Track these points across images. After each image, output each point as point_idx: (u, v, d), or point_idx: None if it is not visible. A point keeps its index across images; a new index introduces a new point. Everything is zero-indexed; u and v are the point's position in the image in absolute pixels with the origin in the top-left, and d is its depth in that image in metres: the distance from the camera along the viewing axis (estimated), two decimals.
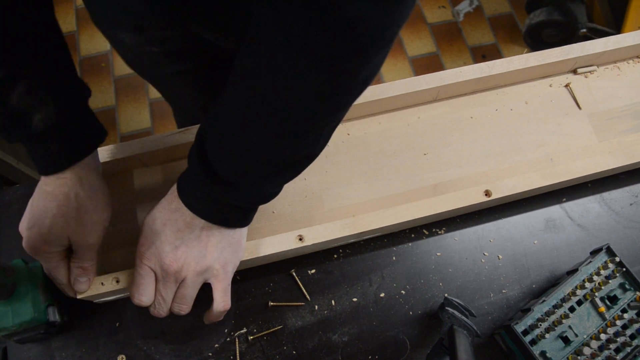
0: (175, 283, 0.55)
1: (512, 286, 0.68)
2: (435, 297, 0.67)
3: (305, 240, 0.62)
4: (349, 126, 0.75)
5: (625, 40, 0.76)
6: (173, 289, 0.56)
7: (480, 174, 0.72)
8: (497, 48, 2.01)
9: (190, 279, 0.55)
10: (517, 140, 0.74)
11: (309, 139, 0.47)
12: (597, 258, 0.63)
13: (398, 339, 0.65)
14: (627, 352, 0.59)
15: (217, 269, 0.56)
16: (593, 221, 0.72)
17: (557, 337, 0.60)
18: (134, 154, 0.67)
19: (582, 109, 0.77)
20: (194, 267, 0.55)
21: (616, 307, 0.61)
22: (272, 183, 0.54)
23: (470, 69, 0.73)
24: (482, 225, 0.71)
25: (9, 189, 0.71)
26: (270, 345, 0.64)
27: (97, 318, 0.65)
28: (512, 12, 2.08)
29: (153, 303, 0.56)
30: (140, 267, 0.55)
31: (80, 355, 0.63)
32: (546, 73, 0.78)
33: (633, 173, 0.75)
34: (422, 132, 0.75)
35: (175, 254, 0.54)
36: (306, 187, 0.71)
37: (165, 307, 0.56)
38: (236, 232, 0.56)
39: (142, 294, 0.55)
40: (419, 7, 2.07)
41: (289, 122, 0.45)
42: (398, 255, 0.69)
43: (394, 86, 0.71)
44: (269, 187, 0.54)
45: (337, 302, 0.67)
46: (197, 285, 0.57)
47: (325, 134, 0.49)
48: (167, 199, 0.55)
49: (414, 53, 1.98)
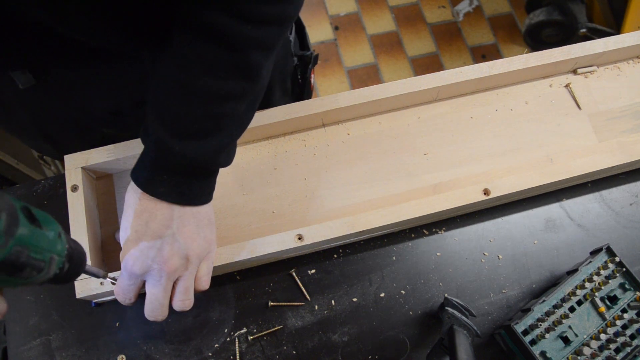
0: (172, 282, 0.55)
1: (512, 286, 0.68)
2: (435, 297, 0.67)
3: (304, 239, 0.62)
4: (348, 126, 0.75)
5: (625, 41, 0.76)
6: (169, 290, 0.55)
7: (481, 174, 0.72)
8: (497, 48, 2.01)
9: (189, 270, 0.55)
10: (517, 140, 0.74)
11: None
12: (597, 258, 0.63)
13: (398, 339, 0.65)
14: (627, 352, 0.59)
15: (204, 249, 0.56)
16: (593, 221, 0.72)
17: (557, 337, 0.60)
18: (133, 154, 0.67)
19: (582, 109, 0.77)
20: (187, 258, 0.54)
21: (616, 307, 0.61)
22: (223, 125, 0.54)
23: (470, 69, 0.73)
24: (482, 225, 0.71)
25: (9, 189, 0.71)
26: (270, 345, 0.64)
27: (97, 318, 0.65)
28: (512, 12, 2.09)
29: (151, 311, 0.55)
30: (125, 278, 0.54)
31: (80, 355, 0.63)
32: (546, 73, 0.78)
33: (633, 173, 0.75)
34: (422, 132, 0.75)
35: (163, 255, 0.53)
36: (306, 187, 0.71)
37: (166, 310, 0.56)
38: (204, 209, 0.57)
39: (126, 298, 0.55)
40: (419, 7, 2.07)
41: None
42: (398, 255, 0.69)
43: (394, 86, 0.71)
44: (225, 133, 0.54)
45: (337, 302, 0.67)
46: (194, 273, 0.56)
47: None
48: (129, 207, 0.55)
49: (413, 53, 1.99)
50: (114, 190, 0.70)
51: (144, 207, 0.53)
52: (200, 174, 0.54)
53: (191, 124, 0.51)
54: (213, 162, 0.54)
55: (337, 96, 0.71)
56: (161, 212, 0.53)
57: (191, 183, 0.54)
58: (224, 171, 0.70)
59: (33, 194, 0.71)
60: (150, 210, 0.53)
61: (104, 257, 0.67)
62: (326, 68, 1.95)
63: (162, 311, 0.55)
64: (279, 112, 0.70)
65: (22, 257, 0.37)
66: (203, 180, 0.55)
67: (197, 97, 0.50)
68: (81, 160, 0.66)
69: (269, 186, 0.71)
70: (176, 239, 0.54)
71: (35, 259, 0.39)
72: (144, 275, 0.54)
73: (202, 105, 0.51)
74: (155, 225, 0.53)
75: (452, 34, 2.03)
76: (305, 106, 0.71)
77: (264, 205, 0.70)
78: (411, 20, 2.05)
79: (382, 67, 1.95)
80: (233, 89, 0.51)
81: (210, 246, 0.58)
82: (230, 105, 0.52)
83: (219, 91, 0.50)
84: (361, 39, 2.01)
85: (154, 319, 0.55)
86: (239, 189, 0.71)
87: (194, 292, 0.57)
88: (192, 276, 0.56)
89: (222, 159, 0.55)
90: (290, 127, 0.73)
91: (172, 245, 0.53)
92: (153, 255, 0.53)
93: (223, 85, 0.50)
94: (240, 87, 0.51)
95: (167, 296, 0.55)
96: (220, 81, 0.50)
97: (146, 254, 0.53)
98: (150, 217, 0.53)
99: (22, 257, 0.37)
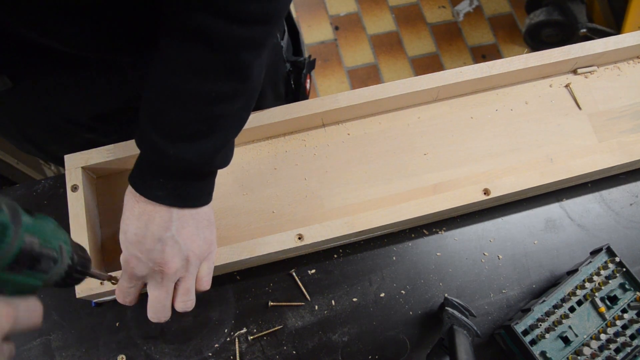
0: (173, 284, 0.55)
1: (512, 286, 0.68)
2: (435, 297, 0.67)
3: (304, 239, 0.62)
4: (348, 126, 0.75)
5: (625, 41, 0.76)
6: (171, 291, 0.56)
7: (481, 174, 0.72)
8: (497, 48, 2.01)
9: (189, 272, 0.55)
10: (517, 140, 0.74)
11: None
12: (597, 258, 0.63)
13: (398, 339, 0.65)
14: (627, 352, 0.59)
15: (204, 250, 0.56)
16: (593, 221, 0.72)
17: (557, 337, 0.60)
18: (133, 154, 0.67)
19: (582, 109, 0.77)
20: (188, 259, 0.55)
21: (616, 307, 0.61)
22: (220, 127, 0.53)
23: (470, 69, 0.73)
24: (482, 225, 0.71)
25: (9, 189, 0.71)
26: (270, 345, 0.64)
27: (97, 318, 0.65)
28: (512, 12, 2.09)
29: (154, 313, 0.56)
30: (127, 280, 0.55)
31: (80, 355, 0.63)
32: (546, 73, 0.78)
33: (633, 173, 0.75)
34: (422, 132, 0.75)
35: (164, 257, 0.53)
36: (306, 187, 0.71)
37: (169, 311, 0.56)
38: (203, 210, 0.57)
39: (127, 300, 0.56)
40: (419, 7, 2.07)
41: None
42: (398, 255, 0.69)
43: (394, 86, 0.72)
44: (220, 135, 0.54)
45: (337, 302, 0.67)
46: (195, 274, 0.57)
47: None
48: (128, 210, 0.55)
49: (413, 53, 1.99)
50: (114, 190, 0.70)
51: (143, 210, 0.53)
52: (198, 176, 0.54)
53: (184, 127, 0.51)
54: (209, 164, 0.54)
55: (337, 96, 0.71)
56: (160, 215, 0.53)
57: (189, 185, 0.54)
58: (223, 171, 0.71)
59: (33, 194, 0.71)
60: (149, 213, 0.53)
61: (103, 257, 0.67)
62: (326, 68, 1.95)
63: (165, 312, 0.56)
64: (279, 112, 0.70)
65: (35, 247, 0.37)
66: (201, 182, 0.55)
67: (188, 100, 0.50)
68: (81, 160, 0.66)
69: (268, 186, 0.71)
70: (176, 241, 0.54)
71: (47, 247, 0.38)
72: (145, 278, 0.54)
73: (194, 108, 0.50)
74: (154, 228, 0.53)
75: (452, 34, 2.03)
76: (305, 106, 0.71)
77: (264, 205, 0.70)
78: (411, 21, 2.05)
79: (382, 67, 1.95)
80: (224, 90, 0.51)
81: (210, 247, 0.58)
82: (222, 107, 0.52)
83: (209, 93, 0.50)
84: (361, 39, 2.01)
85: (157, 320, 0.56)
86: (239, 189, 0.71)
87: (195, 293, 0.57)
88: (193, 277, 0.56)
89: (218, 161, 0.55)
90: (290, 127, 0.73)
91: (172, 247, 0.53)
92: (154, 257, 0.53)
93: (213, 87, 0.50)
94: (231, 88, 0.51)
95: (170, 297, 0.55)
96: (210, 83, 0.50)
97: (147, 256, 0.53)
98: (150, 219, 0.53)
99: (35, 246, 0.37)
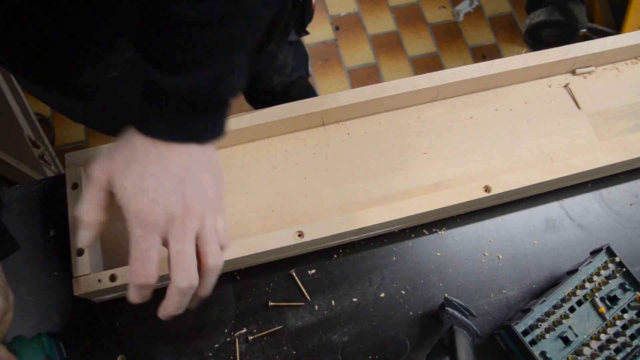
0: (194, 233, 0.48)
1: (512, 286, 0.68)
2: (435, 297, 0.67)
3: (304, 236, 0.62)
4: (349, 126, 0.75)
5: (623, 41, 0.76)
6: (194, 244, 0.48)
7: (480, 173, 0.72)
8: (497, 48, 2.01)
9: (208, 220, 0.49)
10: (516, 140, 0.74)
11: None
12: (597, 258, 0.63)
13: (398, 339, 0.65)
14: (627, 352, 0.59)
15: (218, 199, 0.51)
16: (593, 221, 0.72)
17: (557, 337, 0.60)
18: None
19: (582, 109, 0.77)
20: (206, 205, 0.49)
21: (616, 308, 0.61)
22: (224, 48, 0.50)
23: (470, 69, 0.73)
24: (482, 225, 0.71)
25: (9, 189, 0.71)
26: (270, 345, 0.64)
27: (97, 318, 0.65)
28: (512, 12, 2.08)
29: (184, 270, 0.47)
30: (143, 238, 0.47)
31: (80, 355, 0.63)
32: (545, 73, 0.78)
33: (633, 173, 0.75)
34: (422, 132, 0.75)
35: (185, 200, 0.47)
36: (306, 186, 0.71)
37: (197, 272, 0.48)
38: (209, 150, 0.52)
39: (147, 269, 0.46)
40: (419, 7, 2.07)
41: None
42: (398, 255, 0.69)
43: (393, 86, 0.72)
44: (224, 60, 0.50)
45: (337, 302, 0.67)
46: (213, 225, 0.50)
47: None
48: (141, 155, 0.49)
49: (414, 53, 1.98)
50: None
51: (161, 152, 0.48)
52: (207, 107, 0.50)
53: (178, 56, 0.47)
54: (213, 93, 0.50)
55: (336, 95, 0.71)
56: (179, 156, 0.48)
57: (199, 119, 0.50)
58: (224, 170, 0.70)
59: (33, 194, 0.71)
60: (166, 155, 0.48)
61: (103, 257, 0.67)
62: (326, 68, 1.95)
63: (194, 271, 0.47)
64: (278, 111, 0.70)
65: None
66: (212, 115, 0.51)
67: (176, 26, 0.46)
68: (81, 159, 0.66)
69: (268, 185, 0.71)
70: (196, 183, 0.49)
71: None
72: (163, 230, 0.47)
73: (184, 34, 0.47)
74: (175, 169, 0.48)
75: (452, 34, 2.03)
76: (305, 105, 0.71)
77: (264, 204, 0.70)
78: (411, 21, 2.05)
79: (383, 67, 1.95)
80: (213, 12, 0.47)
81: (221, 200, 0.52)
82: (215, 31, 0.48)
83: (197, 17, 0.46)
84: (361, 39, 2.01)
85: (189, 283, 0.47)
86: (239, 188, 0.71)
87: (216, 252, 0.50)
88: (212, 228, 0.49)
89: (223, 89, 0.50)
90: (290, 126, 0.73)
91: (192, 189, 0.48)
92: (174, 201, 0.47)
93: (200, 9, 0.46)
94: (222, 10, 0.47)
95: (195, 252, 0.48)
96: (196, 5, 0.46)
97: (166, 200, 0.47)
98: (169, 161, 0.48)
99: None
